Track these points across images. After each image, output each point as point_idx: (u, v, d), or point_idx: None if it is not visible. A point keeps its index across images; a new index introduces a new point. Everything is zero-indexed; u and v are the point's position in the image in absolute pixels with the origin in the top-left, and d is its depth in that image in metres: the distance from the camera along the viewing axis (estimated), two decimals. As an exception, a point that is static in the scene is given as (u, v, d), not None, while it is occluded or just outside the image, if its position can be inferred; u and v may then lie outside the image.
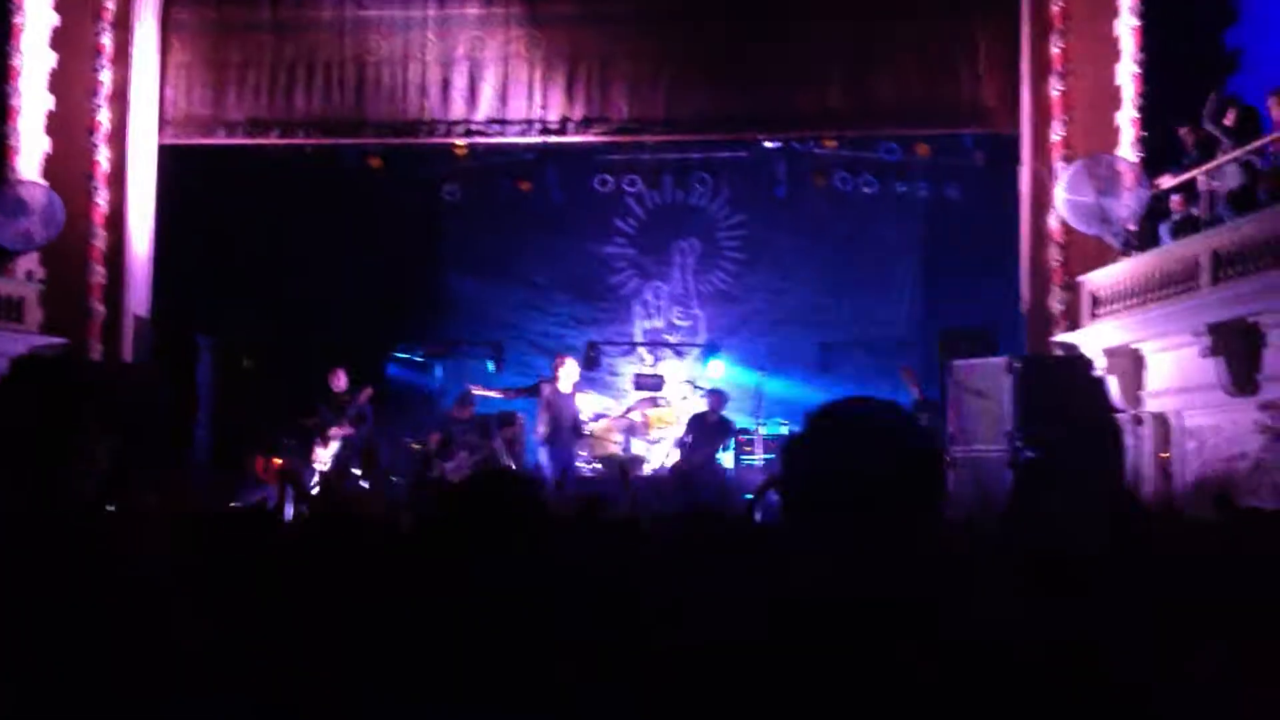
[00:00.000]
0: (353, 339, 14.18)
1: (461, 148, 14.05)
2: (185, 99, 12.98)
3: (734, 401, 13.53)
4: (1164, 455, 10.39)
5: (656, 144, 14.48)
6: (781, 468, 2.00)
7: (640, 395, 14.65)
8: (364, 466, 12.48)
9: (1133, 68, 11.78)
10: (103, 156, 12.60)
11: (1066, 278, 11.76)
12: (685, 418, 13.56)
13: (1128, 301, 10.64)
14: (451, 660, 1.76)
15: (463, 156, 14.48)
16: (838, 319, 15.46)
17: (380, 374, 13.90)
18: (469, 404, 13.32)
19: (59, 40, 12.63)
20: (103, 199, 12.56)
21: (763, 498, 6.06)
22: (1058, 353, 11.66)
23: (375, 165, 14.27)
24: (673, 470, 13.02)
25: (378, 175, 14.45)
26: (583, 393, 13.38)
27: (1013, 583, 3.15)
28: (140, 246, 12.78)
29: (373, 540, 2.76)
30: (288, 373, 14.00)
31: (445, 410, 13.91)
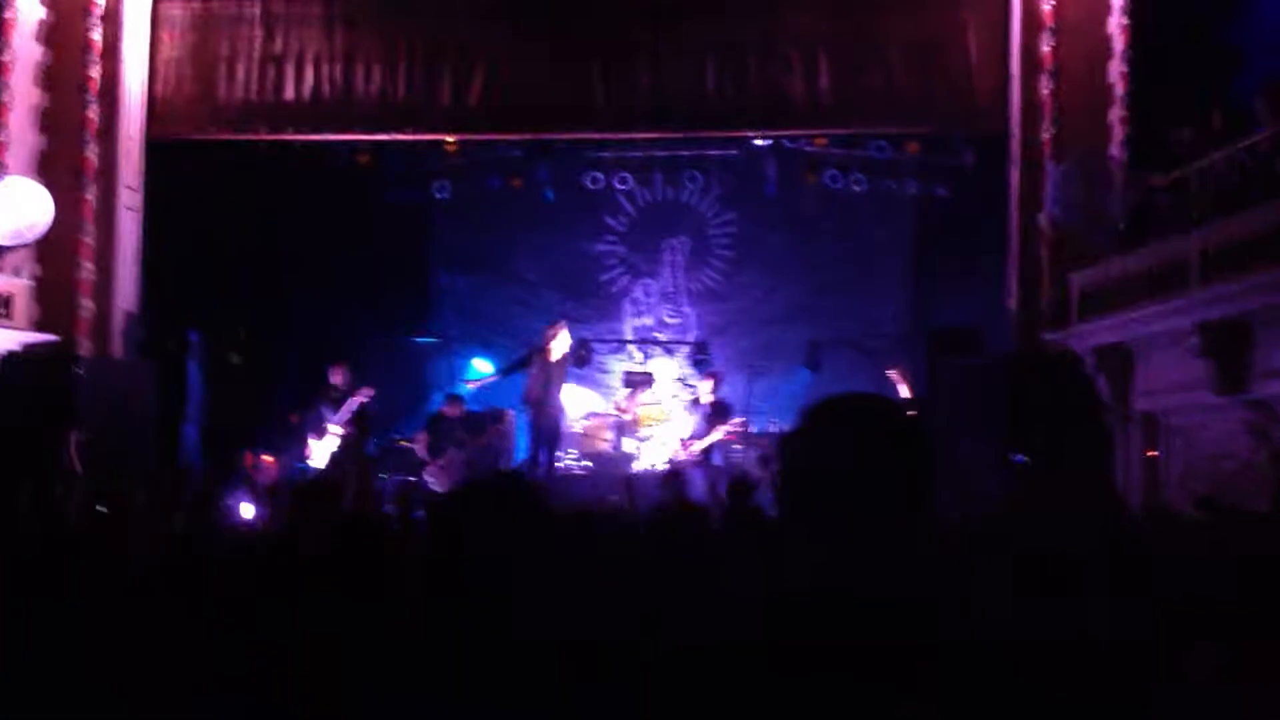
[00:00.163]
0: (342, 335, 14.14)
1: (452, 144, 14.06)
2: (175, 94, 12.96)
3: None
4: (1152, 454, 10.43)
5: (646, 141, 14.49)
6: (777, 464, 2.00)
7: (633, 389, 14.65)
8: (355, 464, 12.45)
9: (1123, 66, 11.82)
10: (92, 152, 12.56)
11: (1056, 276, 11.78)
12: (678, 412, 13.53)
13: (1117, 300, 10.66)
14: (451, 660, 1.77)
15: (453, 153, 14.47)
16: (827, 317, 15.46)
17: (368, 369, 13.87)
18: (459, 403, 13.33)
19: (49, 35, 12.58)
20: (92, 195, 12.53)
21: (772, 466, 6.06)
22: (1047, 351, 11.68)
23: (364, 161, 14.23)
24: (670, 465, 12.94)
25: (367, 172, 14.42)
26: (571, 383, 13.49)
27: (1003, 581, 3.17)
28: (129, 243, 12.76)
29: (369, 538, 2.76)
30: (277, 369, 13.98)
31: (435, 409, 13.91)
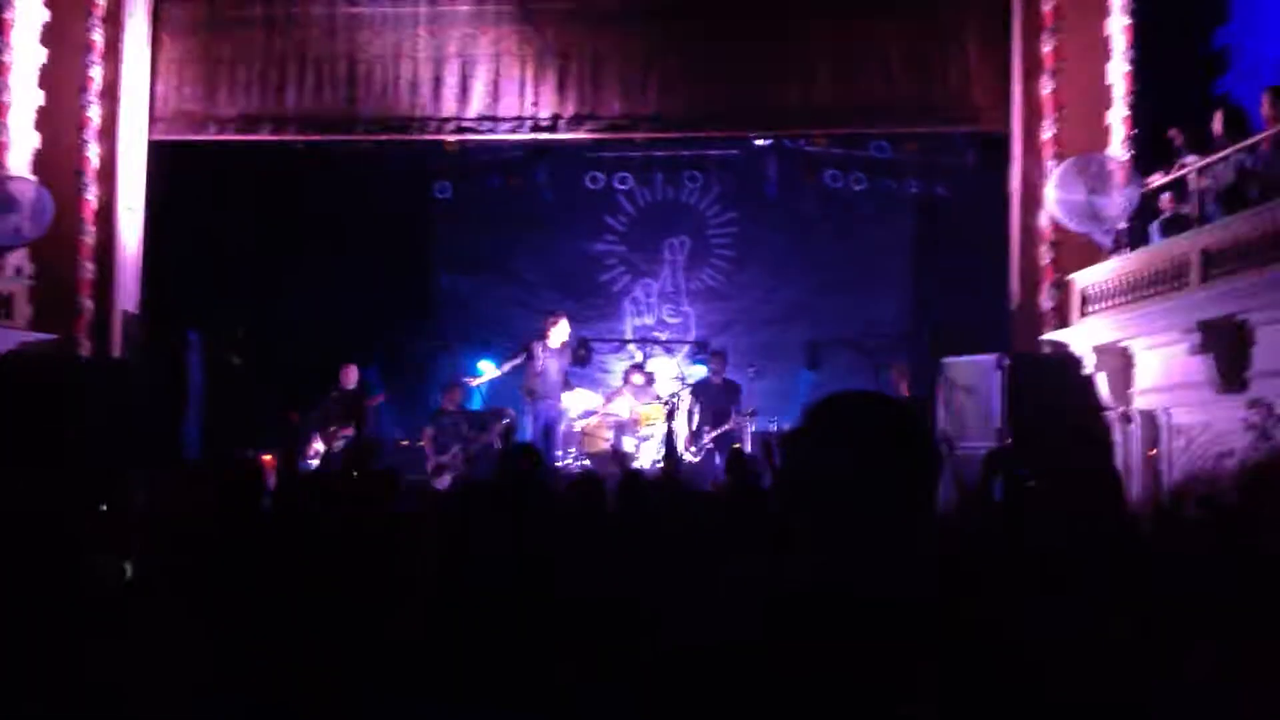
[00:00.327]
0: (342, 336, 14.14)
1: (452, 145, 14.05)
2: (176, 95, 12.96)
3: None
4: (1152, 453, 10.43)
5: (647, 141, 14.49)
6: (780, 461, 2.01)
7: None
8: (357, 464, 12.45)
9: (1124, 66, 11.80)
10: (93, 152, 12.55)
11: (1056, 276, 11.77)
12: (684, 400, 13.48)
13: (1117, 299, 10.66)
14: (451, 660, 1.77)
15: (453, 154, 14.48)
16: (827, 317, 15.47)
17: (371, 370, 13.90)
18: (456, 390, 13.34)
19: (49, 36, 12.56)
20: (92, 195, 12.52)
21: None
22: (1047, 350, 11.68)
23: (365, 162, 14.23)
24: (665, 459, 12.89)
25: (368, 172, 14.42)
26: (570, 391, 13.46)
27: (1005, 580, 3.17)
28: (130, 242, 12.75)
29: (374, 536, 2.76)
30: (278, 369, 13.98)
31: (434, 405, 13.91)
